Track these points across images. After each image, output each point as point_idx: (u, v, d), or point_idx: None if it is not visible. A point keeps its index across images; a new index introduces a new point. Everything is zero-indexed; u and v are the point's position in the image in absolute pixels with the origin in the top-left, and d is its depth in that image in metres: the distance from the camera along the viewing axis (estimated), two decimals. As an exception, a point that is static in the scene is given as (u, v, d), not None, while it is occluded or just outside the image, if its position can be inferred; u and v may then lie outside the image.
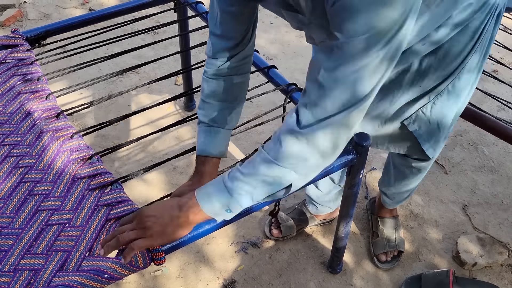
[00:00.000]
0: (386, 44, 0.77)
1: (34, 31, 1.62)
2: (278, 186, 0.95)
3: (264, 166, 0.92)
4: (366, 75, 0.80)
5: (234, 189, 0.94)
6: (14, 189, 1.15)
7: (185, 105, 2.37)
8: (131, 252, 0.95)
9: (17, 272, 0.98)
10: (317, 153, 0.90)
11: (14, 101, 1.37)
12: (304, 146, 0.89)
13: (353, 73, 0.80)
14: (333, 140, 0.89)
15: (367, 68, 0.79)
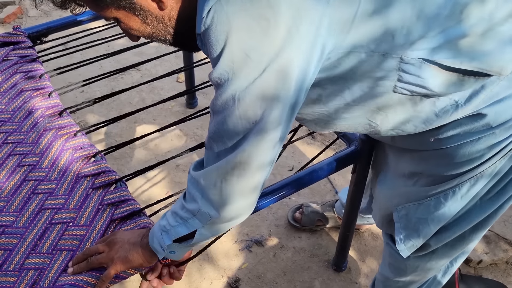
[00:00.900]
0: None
1: (35, 28, 1.60)
2: (185, 230, 0.89)
3: (179, 207, 0.90)
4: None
5: (161, 227, 0.91)
6: (17, 188, 1.13)
7: (187, 102, 2.36)
8: (102, 284, 0.95)
9: (22, 272, 0.97)
10: (208, 204, 0.84)
11: (16, 99, 1.36)
12: (197, 197, 0.85)
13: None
14: (221, 191, 0.82)
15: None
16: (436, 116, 0.90)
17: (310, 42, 0.73)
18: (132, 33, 0.84)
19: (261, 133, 0.75)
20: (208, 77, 0.77)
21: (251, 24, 0.69)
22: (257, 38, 0.70)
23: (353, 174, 1.33)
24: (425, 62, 0.81)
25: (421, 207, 1.06)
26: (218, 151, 0.80)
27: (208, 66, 2.43)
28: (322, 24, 0.74)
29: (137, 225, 1.05)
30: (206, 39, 0.73)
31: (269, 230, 1.82)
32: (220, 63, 0.72)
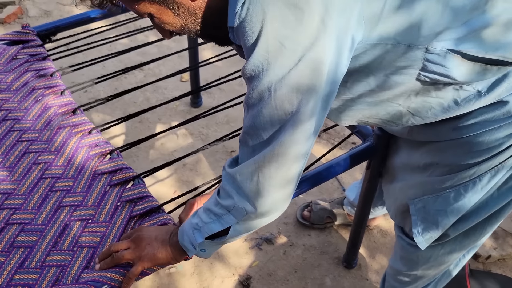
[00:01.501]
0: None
1: (44, 27, 1.59)
2: (219, 226, 0.88)
3: (213, 203, 0.89)
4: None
5: (193, 225, 0.91)
6: (35, 186, 1.13)
7: (191, 101, 2.35)
8: (129, 281, 0.95)
9: (44, 269, 0.97)
10: (245, 199, 0.83)
11: (29, 97, 1.35)
12: (232, 192, 0.84)
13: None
14: (257, 185, 0.81)
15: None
16: (457, 105, 0.91)
17: (342, 33, 0.74)
18: (165, 27, 0.85)
19: (297, 124, 0.75)
20: (242, 70, 0.77)
21: (286, 14, 0.70)
22: (292, 28, 0.70)
23: (367, 170, 1.33)
24: (450, 52, 0.83)
25: (439, 199, 1.06)
26: (253, 145, 0.80)
27: (213, 66, 2.43)
28: (353, 16, 0.75)
29: (157, 221, 1.04)
30: (240, 32, 0.74)
31: (278, 228, 1.82)
32: (255, 54, 0.72)
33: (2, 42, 1.53)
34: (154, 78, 2.49)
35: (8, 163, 1.17)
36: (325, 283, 1.67)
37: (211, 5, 0.81)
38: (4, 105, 1.32)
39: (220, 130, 2.24)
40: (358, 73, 0.86)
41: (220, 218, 0.87)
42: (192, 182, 1.98)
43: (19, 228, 1.04)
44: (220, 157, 2.10)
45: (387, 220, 1.87)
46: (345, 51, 0.76)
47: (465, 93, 0.89)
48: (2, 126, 1.26)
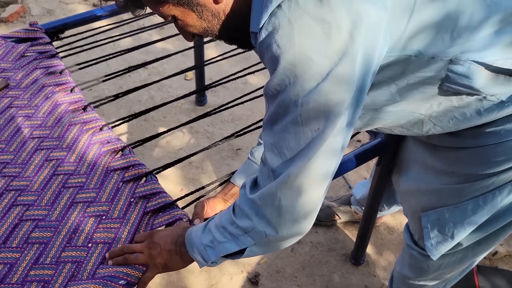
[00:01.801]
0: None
1: (52, 24, 1.59)
2: (235, 246, 0.86)
3: (228, 221, 0.87)
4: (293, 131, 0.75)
5: (205, 241, 0.89)
6: (47, 182, 1.13)
7: (196, 100, 2.35)
8: (144, 285, 0.96)
9: (60, 265, 0.97)
10: (265, 223, 0.81)
11: (38, 94, 1.35)
12: (251, 215, 0.82)
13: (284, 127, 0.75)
14: (279, 208, 0.78)
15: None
16: (479, 114, 0.89)
17: (369, 48, 0.72)
18: (188, 30, 0.85)
19: (324, 142, 0.73)
20: (264, 87, 0.75)
21: (313, 28, 0.69)
22: (320, 42, 0.69)
23: (377, 166, 1.33)
24: (474, 64, 0.82)
25: (456, 211, 1.04)
26: (275, 165, 0.78)
27: (217, 65, 2.43)
28: (380, 31, 0.74)
29: (171, 217, 1.05)
30: (266, 44, 0.73)
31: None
32: (281, 68, 0.71)
33: (10, 39, 1.53)
34: (158, 77, 2.50)
35: (20, 160, 1.17)
36: (333, 279, 1.67)
37: (235, 8, 0.80)
38: (14, 102, 1.32)
39: (225, 128, 2.24)
40: (381, 84, 0.85)
41: (236, 238, 0.85)
42: (198, 180, 1.99)
43: (33, 225, 1.04)
44: (225, 155, 2.10)
45: (393, 217, 1.88)
46: (372, 65, 0.74)
47: (487, 103, 0.88)
48: (13, 123, 1.26)
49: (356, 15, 0.70)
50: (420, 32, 0.78)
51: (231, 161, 2.07)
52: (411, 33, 0.78)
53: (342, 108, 0.72)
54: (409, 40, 0.78)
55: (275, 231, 0.80)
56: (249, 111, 2.31)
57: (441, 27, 0.79)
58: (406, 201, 1.23)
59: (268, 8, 0.71)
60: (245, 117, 2.29)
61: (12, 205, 1.08)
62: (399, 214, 1.88)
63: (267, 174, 0.80)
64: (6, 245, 1.00)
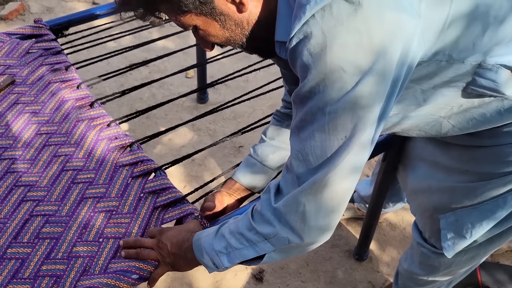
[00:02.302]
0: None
1: (57, 21, 1.59)
2: (253, 253, 0.85)
3: (245, 228, 0.85)
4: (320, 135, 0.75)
5: (218, 248, 0.88)
6: (56, 178, 1.13)
7: (198, 97, 2.36)
8: (154, 281, 0.97)
9: (71, 259, 0.97)
10: (289, 230, 0.80)
11: (45, 90, 1.35)
12: (274, 222, 0.81)
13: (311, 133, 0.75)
14: (303, 215, 0.78)
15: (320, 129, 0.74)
16: (500, 115, 0.89)
17: (403, 56, 0.72)
18: (210, 39, 0.85)
19: (350, 150, 0.73)
20: (293, 94, 0.75)
21: (346, 38, 0.68)
22: (352, 52, 0.69)
23: (383, 162, 1.34)
24: (501, 68, 0.82)
25: (475, 212, 1.03)
26: (300, 172, 0.77)
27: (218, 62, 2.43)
28: (414, 38, 0.73)
29: (182, 211, 1.05)
30: (298, 52, 0.73)
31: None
32: (312, 76, 0.71)
33: (15, 36, 1.53)
34: (159, 74, 2.50)
35: (28, 156, 1.17)
36: (337, 275, 1.68)
37: (260, 17, 0.81)
38: (21, 98, 1.32)
39: (227, 125, 2.24)
40: (407, 89, 0.84)
41: (255, 245, 0.83)
42: (201, 177, 1.99)
43: (44, 220, 1.04)
44: (228, 153, 2.11)
45: (396, 214, 1.89)
46: (403, 74, 0.74)
47: (508, 102, 0.88)
48: (20, 119, 1.26)
49: (390, 24, 0.69)
50: (453, 38, 0.78)
51: (233, 158, 2.08)
52: (444, 39, 0.77)
53: (370, 116, 0.72)
54: (442, 46, 0.78)
55: (299, 238, 0.80)
56: (250, 109, 2.32)
57: (473, 33, 0.79)
58: (414, 200, 1.23)
59: (301, 19, 0.70)
60: (247, 115, 2.30)
61: (22, 200, 1.08)
62: (401, 211, 1.89)
63: (291, 181, 0.79)
64: (17, 240, 1.00)
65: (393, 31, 0.69)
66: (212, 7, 0.78)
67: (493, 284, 1.63)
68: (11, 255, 0.97)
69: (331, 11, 0.69)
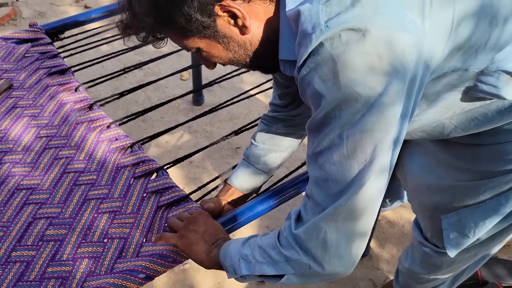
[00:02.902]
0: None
1: (52, 25, 1.59)
2: (272, 270, 0.84)
3: (270, 246, 0.84)
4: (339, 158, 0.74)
5: (242, 254, 0.88)
6: (58, 180, 1.12)
7: (193, 99, 2.36)
8: (158, 241, 0.98)
9: (77, 261, 0.97)
10: (310, 258, 0.79)
11: (43, 94, 1.35)
12: (296, 248, 0.80)
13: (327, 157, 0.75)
14: (324, 242, 0.76)
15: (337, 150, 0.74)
16: (501, 115, 0.90)
17: (413, 76, 0.72)
18: (213, 60, 0.86)
19: (371, 173, 0.72)
20: (308, 122, 0.76)
21: (357, 62, 0.69)
22: (364, 75, 0.69)
23: (383, 158, 1.35)
24: (503, 74, 0.82)
25: (478, 211, 1.04)
26: (321, 199, 0.76)
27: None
28: (422, 57, 0.73)
29: (186, 210, 1.05)
30: (308, 80, 0.73)
31: (288, 221, 1.83)
32: (327, 102, 0.71)
33: (11, 41, 1.52)
34: (154, 77, 2.49)
35: (29, 159, 1.17)
36: (338, 273, 1.68)
37: (262, 38, 0.82)
38: (19, 103, 1.32)
39: (223, 127, 2.24)
40: None
41: (276, 263, 0.83)
42: (200, 179, 1.99)
43: (47, 222, 1.04)
44: (225, 154, 2.11)
45: (394, 211, 1.90)
46: (414, 91, 0.74)
47: (509, 102, 0.88)
48: (19, 123, 1.26)
49: (399, 46, 0.69)
50: (458, 49, 0.78)
51: (231, 159, 2.08)
52: (450, 52, 0.77)
53: (387, 137, 0.72)
54: (448, 58, 0.78)
55: (320, 266, 0.78)
56: (246, 110, 2.32)
57: (476, 42, 0.79)
58: (415, 199, 1.24)
59: (307, 48, 0.70)
60: (243, 116, 2.30)
61: (25, 203, 1.07)
62: (400, 208, 1.90)
63: (311, 208, 0.79)
64: (21, 244, 1.00)
65: (403, 52, 0.70)
66: (215, 31, 0.79)
67: (493, 278, 1.65)
68: (16, 258, 0.97)
69: (340, 39, 0.69)
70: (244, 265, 0.87)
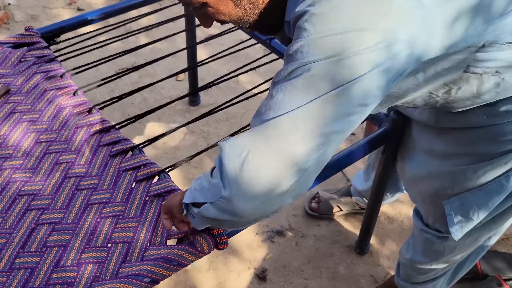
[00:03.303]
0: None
1: (48, 28, 1.58)
2: (201, 197, 0.81)
3: (206, 173, 0.83)
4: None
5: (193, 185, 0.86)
6: (60, 185, 1.12)
7: (190, 100, 2.35)
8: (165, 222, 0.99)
9: (81, 266, 0.96)
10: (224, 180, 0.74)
11: (41, 99, 1.34)
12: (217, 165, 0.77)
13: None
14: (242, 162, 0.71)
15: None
16: (496, 93, 0.91)
17: (407, 45, 0.72)
18: (218, 17, 0.84)
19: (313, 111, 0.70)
20: (286, 51, 0.74)
21: (353, 8, 0.69)
22: (350, 19, 0.69)
23: (382, 154, 1.36)
24: (505, 44, 0.82)
25: (480, 194, 1.05)
26: (258, 122, 0.73)
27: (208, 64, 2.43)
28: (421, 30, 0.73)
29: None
30: (298, 13, 0.73)
31: (288, 220, 1.84)
32: (307, 35, 0.70)
33: (7, 45, 1.51)
34: (149, 78, 2.49)
35: (29, 165, 1.16)
36: (339, 271, 1.69)
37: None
38: (17, 108, 1.31)
39: (220, 127, 2.24)
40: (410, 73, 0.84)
41: (206, 190, 0.79)
42: (198, 180, 1.99)
43: (50, 228, 1.04)
44: (223, 154, 2.11)
45: (393, 207, 1.91)
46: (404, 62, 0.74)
47: (505, 78, 0.89)
48: (18, 129, 1.25)
49: (398, 8, 0.69)
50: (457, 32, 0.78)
51: (229, 159, 2.08)
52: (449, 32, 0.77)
53: (352, 95, 0.70)
54: (447, 39, 0.78)
55: (228, 191, 0.73)
56: (243, 109, 2.32)
57: (476, 15, 0.79)
58: (414, 187, 1.25)
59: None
60: (240, 116, 2.30)
61: (27, 210, 1.07)
62: (399, 204, 1.91)
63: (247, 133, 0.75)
64: (24, 250, 1.00)
65: (400, 15, 0.70)
66: None
67: (492, 271, 1.66)
68: (20, 265, 0.97)
69: None
70: (189, 193, 0.85)
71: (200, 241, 0.97)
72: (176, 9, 2.14)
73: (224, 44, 2.57)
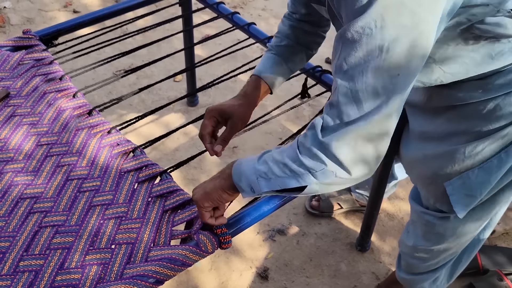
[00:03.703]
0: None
1: (46, 31, 1.58)
2: (295, 183, 0.84)
3: (291, 158, 0.84)
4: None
5: (259, 173, 0.88)
6: (62, 188, 1.12)
7: (188, 100, 2.36)
8: (201, 215, 0.99)
9: (85, 268, 0.96)
10: (338, 166, 0.79)
11: (41, 101, 1.34)
12: (321, 157, 0.80)
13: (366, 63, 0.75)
14: (354, 150, 0.78)
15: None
16: (491, 58, 0.91)
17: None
18: None
19: (401, 88, 0.74)
20: (341, 30, 0.75)
21: None
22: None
23: (382, 152, 1.36)
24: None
25: (481, 171, 1.05)
26: (350, 109, 0.76)
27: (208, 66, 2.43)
28: None
29: (192, 212, 1.05)
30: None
31: (288, 219, 1.84)
32: (369, 12, 0.70)
33: (5, 48, 1.51)
34: (146, 79, 2.49)
35: (31, 168, 1.16)
36: (341, 268, 1.70)
37: None
38: (17, 111, 1.31)
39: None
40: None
41: (298, 176, 0.82)
42: (198, 180, 1.99)
43: (53, 231, 1.04)
44: (223, 154, 2.10)
45: (393, 204, 1.92)
46: (444, 22, 0.78)
47: (499, 46, 0.89)
48: (19, 132, 1.25)
49: None
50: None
51: (228, 159, 2.08)
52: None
53: (421, 58, 0.74)
54: None
55: (347, 172, 0.79)
56: (241, 109, 2.32)
57: None
58: (413, 170, 1.24)
59: None
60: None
61: (29, 212, 1.07)
62: (398, 201, 1.92)
63: (339, 116, 0.78)
64: (28, 253, 1.00)
65: None
66: None
67: (493, 266, 1.67)
68: (24, 268, 0.97)
69: None
70: (264, 182, 0.86)
71: (204, 240, 0.98)
72: (172, 10, 2.14)
73: (221, 44, 2.57)
